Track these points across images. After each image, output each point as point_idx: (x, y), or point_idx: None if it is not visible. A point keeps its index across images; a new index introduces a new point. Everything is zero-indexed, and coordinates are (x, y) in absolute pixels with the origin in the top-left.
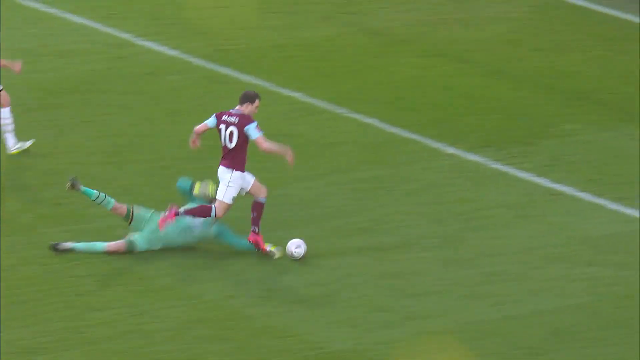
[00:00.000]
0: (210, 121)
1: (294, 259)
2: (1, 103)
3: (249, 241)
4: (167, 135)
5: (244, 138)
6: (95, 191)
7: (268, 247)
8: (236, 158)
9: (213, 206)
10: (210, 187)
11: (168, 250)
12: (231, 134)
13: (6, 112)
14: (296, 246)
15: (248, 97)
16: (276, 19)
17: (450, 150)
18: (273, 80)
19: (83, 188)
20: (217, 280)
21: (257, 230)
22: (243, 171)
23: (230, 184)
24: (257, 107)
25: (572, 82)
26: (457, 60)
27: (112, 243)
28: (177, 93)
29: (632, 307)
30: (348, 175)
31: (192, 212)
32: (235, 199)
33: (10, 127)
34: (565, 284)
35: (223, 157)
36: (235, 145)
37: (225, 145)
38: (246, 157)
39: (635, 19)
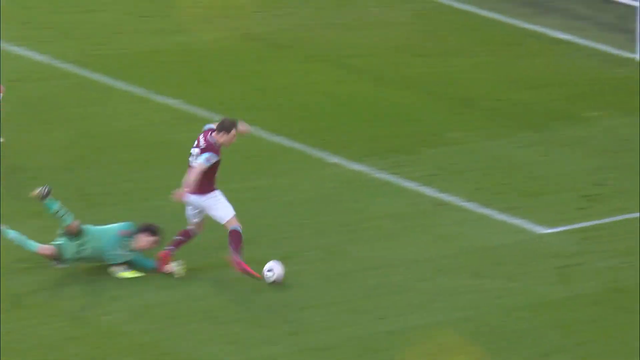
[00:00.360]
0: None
1: (270, 281)
2: None
3: (159, 256)
4: (38, 144)
5: None
6: (57, 205)
7: (171, 267)
8: (205, 180)
9: (237, 227)
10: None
11: (38, 266)
12: (196, 159)
13: None
14: (268, 269)
15: (224, 127)
16: (152, 22)
17: (334, 159)
18: (149, 86)
19: (49, 200)
20: (90, 295)
21: (173, 251)
22: (207, 191)
23: (222, 200)
24: (234, 136)
25: (459, 88)
26: (340, 66)
27: (44, 246)
28: (47, 100)
29: (520, 319)
30: (228, 185)
31: (235, 247)
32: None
33: None
34: (452, 297)
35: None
36: None
37: (191, 165)
38: (212, 178)
39: (522, 24)
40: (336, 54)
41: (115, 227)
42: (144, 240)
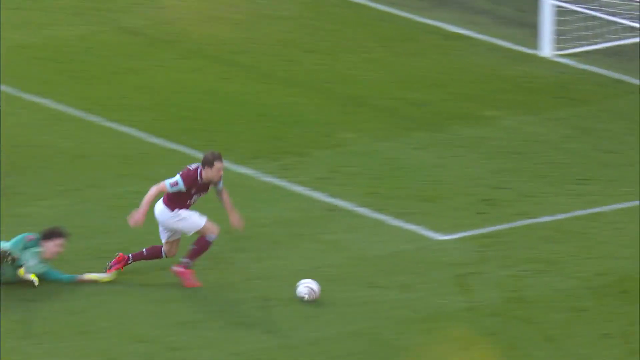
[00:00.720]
0: None
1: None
2: None
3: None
4: None
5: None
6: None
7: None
8: (178, 201)
9: (210, 237)
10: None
11: None
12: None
13: None
14: (307, 292)
15: (206, 161)
16: (17, 15)
17: None
18: (16, 85)
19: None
20: None
21: (127, 262)
22: (173, 210)
23: (188, 215)
24: (219, 169)
25: (351, 86)
26: (224, 63)
27: None
28: None
29: (417, 332)
30: (104, 190)
31: (192, 254)
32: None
33: None
34: (344, 309)
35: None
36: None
37: None
38: (184, 202)
39: (417, 18)
40: (220, 50)
41: (21, 236)
42: (51, 246)
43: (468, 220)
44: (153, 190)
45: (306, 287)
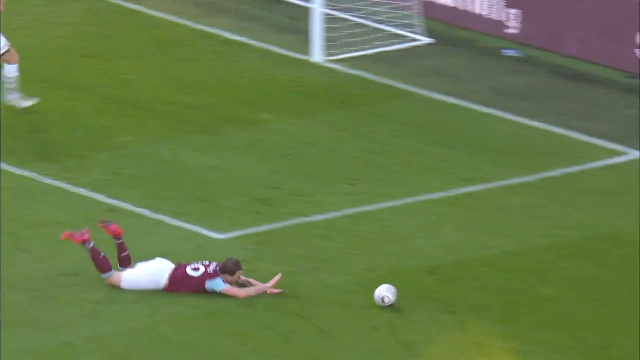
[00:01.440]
0: None
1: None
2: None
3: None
4: None
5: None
6: None
7: None
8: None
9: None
10: None
11: None
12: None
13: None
14: (383, 297)
15: (227, 270)
16: None
17: None
18: None
19: None
20: None
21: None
22: (168, 284)
23: (139, 278)
24: (240, 276)
25: (127, 91)
26: None
27: None
28: None
29: (194, 328)
30: None
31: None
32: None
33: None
34: (123, 306)
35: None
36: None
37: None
38: (186, 288)
39: (192, 25)
40: None
41: None
42: None
43: (244, 220)
44: (241, 293)
45: (386, 290)
